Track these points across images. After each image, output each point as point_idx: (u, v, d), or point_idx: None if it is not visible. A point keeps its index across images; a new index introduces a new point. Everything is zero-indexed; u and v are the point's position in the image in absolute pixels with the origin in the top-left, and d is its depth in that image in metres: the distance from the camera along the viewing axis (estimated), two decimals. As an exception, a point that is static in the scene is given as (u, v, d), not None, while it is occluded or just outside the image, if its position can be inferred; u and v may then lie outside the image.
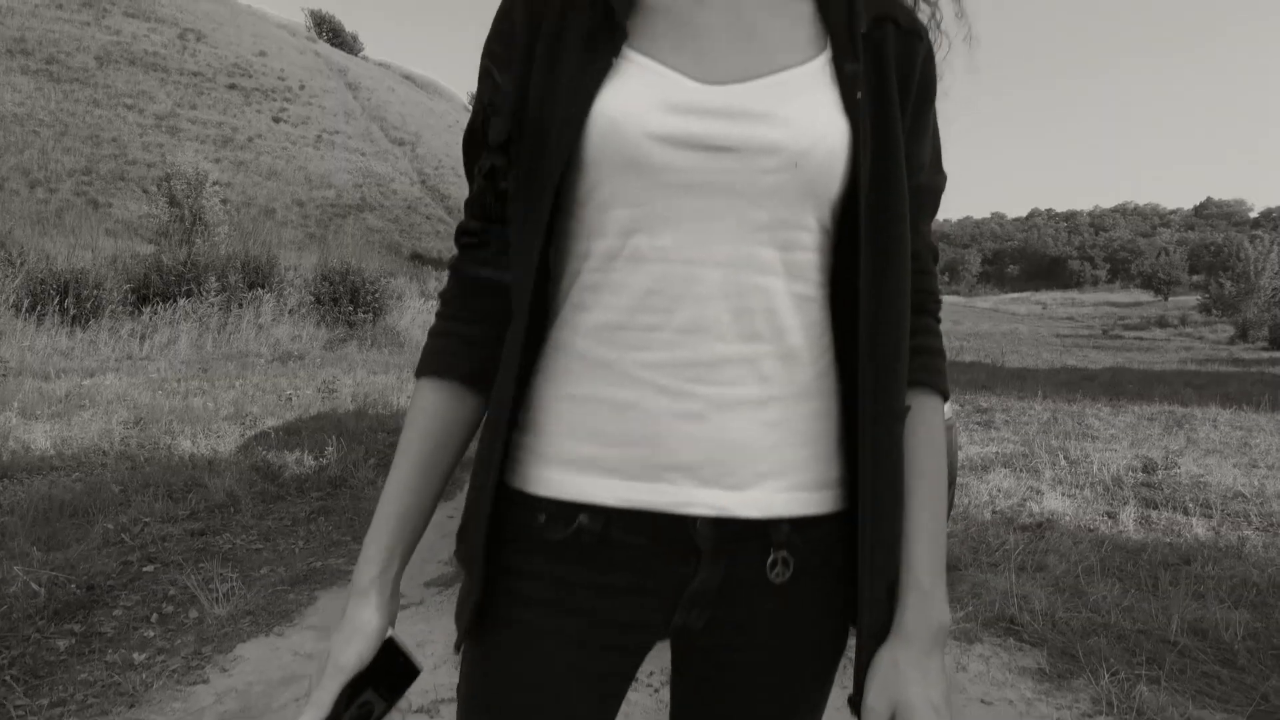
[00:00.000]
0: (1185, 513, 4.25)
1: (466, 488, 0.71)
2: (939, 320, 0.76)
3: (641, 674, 2.01)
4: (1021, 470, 5.36)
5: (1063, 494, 4.66)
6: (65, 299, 11.15)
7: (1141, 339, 28.04)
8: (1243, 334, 28.50)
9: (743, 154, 0.62)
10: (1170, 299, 43.28)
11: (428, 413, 0.72)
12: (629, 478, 0.64)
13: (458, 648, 0.72)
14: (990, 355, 19.66)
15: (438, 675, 2.28)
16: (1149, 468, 5.41)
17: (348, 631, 0.68)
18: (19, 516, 3.59)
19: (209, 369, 10.05)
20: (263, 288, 14.00)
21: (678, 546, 0.64)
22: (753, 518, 0.64)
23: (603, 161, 0.63)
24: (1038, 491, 4.71)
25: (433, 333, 0.75)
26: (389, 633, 0.70)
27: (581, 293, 0.66)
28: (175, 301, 12.37)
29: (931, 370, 0.71)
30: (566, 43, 0.65)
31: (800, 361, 0.66)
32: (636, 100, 0.62)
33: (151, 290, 12.69)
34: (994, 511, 4.14)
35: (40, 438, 5.65)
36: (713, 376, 0.63)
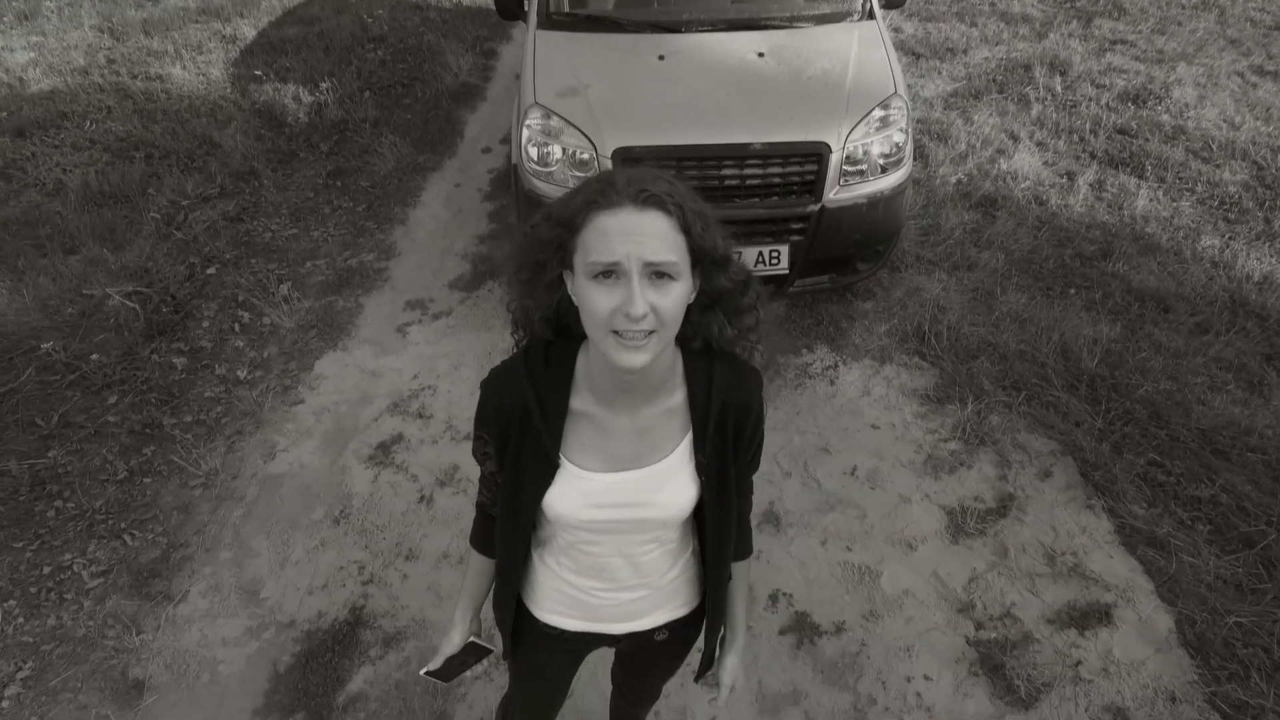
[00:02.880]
0: (1140, 176, 4.56)
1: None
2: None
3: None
4: (1012, 99, 5.41)
5: (1037, 144, 4.87)
6: None
7: None
8: None
9: (635, 522, 1.16)
10: None
11: (479, 561, 1.34)
12: (582, 620, 1.30)
13: (505, 657, 1.42)
14: None
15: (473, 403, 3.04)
16: (1140, 98, 5.44)
17: (452, 635, 1.39)
18: (71, 209, 4.00)
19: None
20: None
21: (607, 640, 1.35)
22: (644, 630, 1.33)
23: (554, 523, 1.18)
24: (1015, 139, 4.91)
25: (476, 521, 1.32)
26: (470, 638, 1.40)
27: (556, 553, 1.25)
28: None
29: (740, 557, 1.34)
30: (523, 458, 1.12)
31: (667, 567, 1.27)
32: (570, 502, 1.13)
33: None
34: (957, 180, 4.45)
35: (23, 60, 5.59)
36: (616, 588, 1.25)
